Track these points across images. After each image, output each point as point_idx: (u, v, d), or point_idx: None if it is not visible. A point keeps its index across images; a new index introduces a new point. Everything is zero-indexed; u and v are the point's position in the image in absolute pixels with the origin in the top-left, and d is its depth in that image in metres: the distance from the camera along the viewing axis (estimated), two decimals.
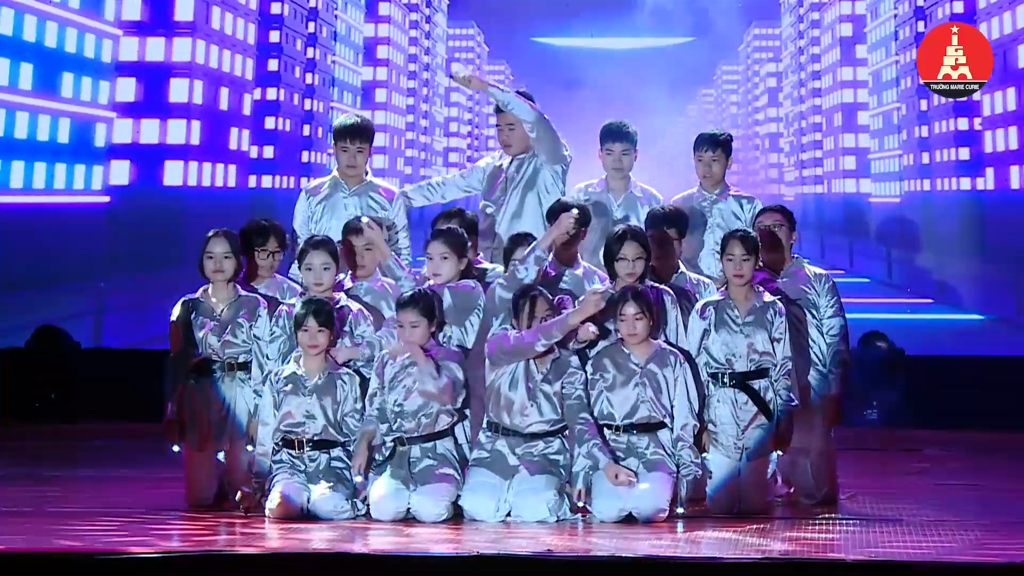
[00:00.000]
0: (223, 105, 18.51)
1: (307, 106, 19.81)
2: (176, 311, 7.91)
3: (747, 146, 20.41)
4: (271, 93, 19.45)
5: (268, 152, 18.98)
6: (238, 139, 18.50)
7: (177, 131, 17.64)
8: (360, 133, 8.43)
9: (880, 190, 18.75)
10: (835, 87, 20.00)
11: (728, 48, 19.60)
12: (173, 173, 17.44)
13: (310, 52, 19.82)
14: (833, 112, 19.93)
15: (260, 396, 7.65)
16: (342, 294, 7.79)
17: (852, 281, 17.59)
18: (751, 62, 20.85)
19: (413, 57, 20.43)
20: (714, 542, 6.63)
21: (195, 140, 17.73)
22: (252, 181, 18.45)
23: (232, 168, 18.40)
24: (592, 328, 7.43)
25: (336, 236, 8.02)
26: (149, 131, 17.40)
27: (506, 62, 19.91)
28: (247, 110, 18.79)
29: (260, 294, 8.02)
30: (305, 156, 19.49)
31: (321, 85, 19.89)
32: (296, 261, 7.94)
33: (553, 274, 7.96)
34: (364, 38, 20.17)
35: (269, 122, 19.31)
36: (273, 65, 19.48)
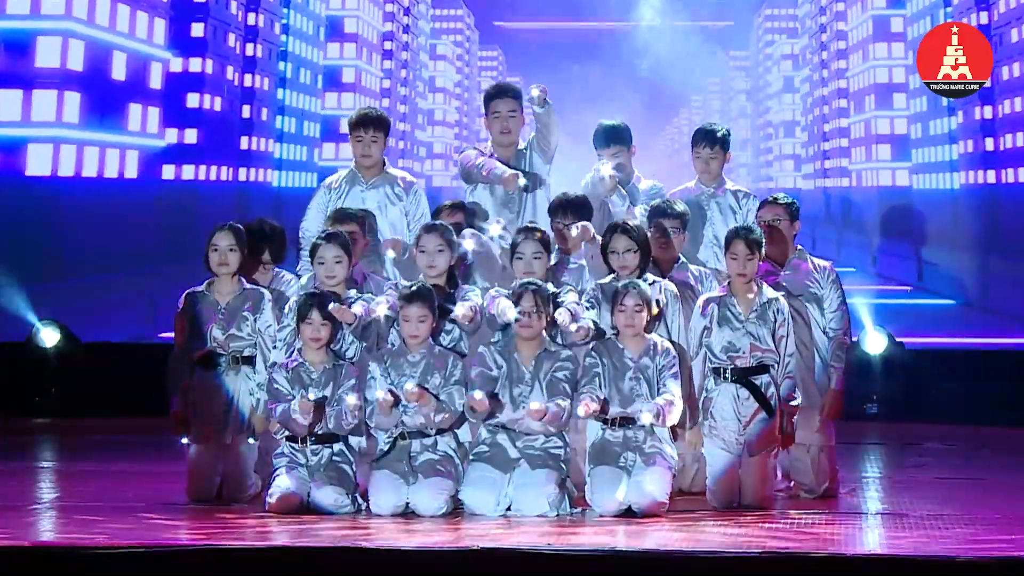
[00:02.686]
0: (117, 74, 14.62)
1: (247, 82, 16.47)
2: (181, 304, 7.93)
3: (758, 136, 18.49)
4: (194, 64, 15.71)
5: (190, 136, 15.39)
6: (142, 118, 14.82)
7: (45, 106, 13.74)
8: (374, 123, 8.44)
9: (923, 182, 16.50)
10: (866, 66, 17.88)
11: (736, 32, 18.36)
12: (39, 160, 13.70)
13: (252, 19, 16.53)
14: (863, 95, 17.90)
15: (263, 389, 7.66)
16: (354, 291, 7.78)
17: (932, 304, 14.66)
18: (763, 45, 19.21)
19: (389, 35, 17.89)
20: (714, 536, 6.63)
21: (72, 118, 13.93)
22: (169, 172, 14.89)
23: (132, 155, 14.66)
24: (587, 325, 7.46)
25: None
26: (8, 106, 13.68)
27: (499, 48, 18.66)
28: (156, 83, 15.07)
29: (264, 287, 8.03)
30: (244, 143, 16.14)
31: (267, 58, 16.66)
32: (309, 258, 7.92)
33: (556, 262, 7.98)
34: (328, 9, 17.21)
35: (192, 99, 15.67)
36: (197, 30, 15.74)
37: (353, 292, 7.72)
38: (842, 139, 17.76)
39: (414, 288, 7.47)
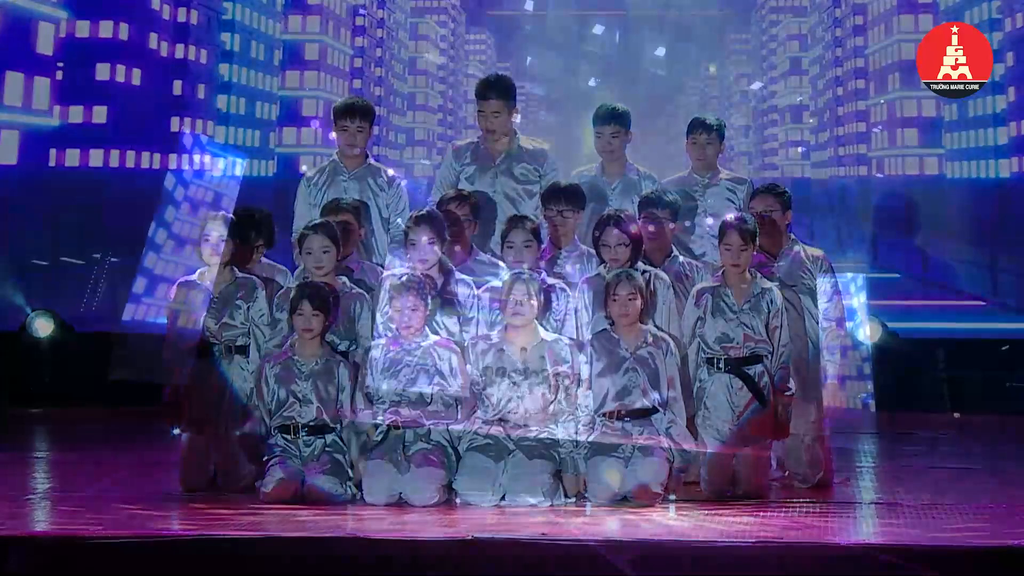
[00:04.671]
0: None
1: (178, 54, 14.57)
2: (173, 294, 7.91)
3: (762, 122, 17.67)
4: (105, 28, 13.67)
5: (99, 115, 13.60)
6: (24, 91, 12.60)
7: None
8: (360, 112, 8.43)
9: (958, 170, 14.73)
10: (888, 42, 16.18)
11: (736, 16, 17.46)
12: None
13: None
14: (886, 74, 16.30)
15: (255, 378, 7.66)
16: (344, 278, 7.76)
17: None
18: (767, 25, 18.11)
19: (360, 9, 16.70)
20: (707, 526, 6.63)
21: None
22: (73, 157, 12.82)
23: (11, 135, 12.40)
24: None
25: None
26: None
27: (488, 32, 17.87)
28: (47, 48, 12.74)
29: (258, 276, 8.02)
30: (175, 124, 14.19)
31: (204, 26, 14.70)
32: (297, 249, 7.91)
33: (549, 255, 7.97)
34: None
35: (102, 71, 13.74)
36: None
37: (344, 279, 7.72)
38: (859, 123, 16.48)
39: (403, 278, 7.46)
